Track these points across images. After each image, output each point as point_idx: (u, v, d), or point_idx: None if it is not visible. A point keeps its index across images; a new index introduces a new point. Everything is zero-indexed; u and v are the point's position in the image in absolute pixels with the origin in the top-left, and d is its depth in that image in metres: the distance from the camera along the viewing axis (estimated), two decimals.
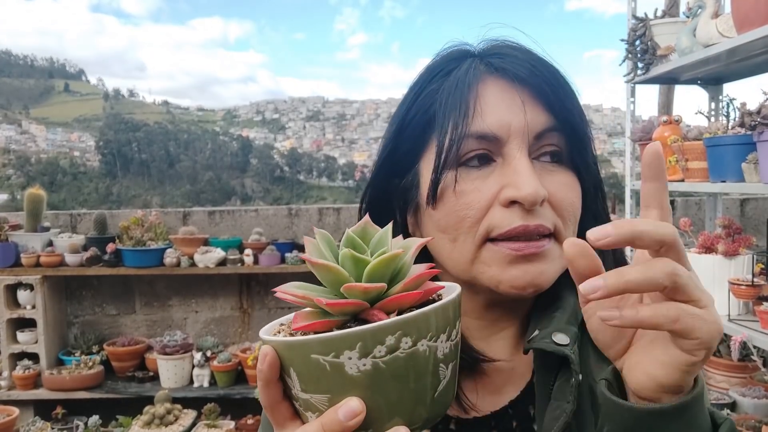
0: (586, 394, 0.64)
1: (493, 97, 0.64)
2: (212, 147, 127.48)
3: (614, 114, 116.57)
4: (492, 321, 0.71)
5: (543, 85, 0.64)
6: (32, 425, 3.39)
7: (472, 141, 0.63)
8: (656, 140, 2.56)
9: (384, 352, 0.43)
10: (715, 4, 2.35)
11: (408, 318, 0.44)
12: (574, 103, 0.65)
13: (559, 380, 0.62)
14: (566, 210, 0.64)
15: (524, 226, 0.61)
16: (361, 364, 0.43)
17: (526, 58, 0.66)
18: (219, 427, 3.46)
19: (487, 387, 0.70)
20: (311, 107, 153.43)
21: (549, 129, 0.64)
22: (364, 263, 0.46)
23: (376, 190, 0.73)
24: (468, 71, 0.65)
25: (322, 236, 0.50)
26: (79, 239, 3.92)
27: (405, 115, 0.69)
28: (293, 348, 0.45)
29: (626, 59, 2.86)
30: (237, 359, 3.80)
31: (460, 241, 0.65)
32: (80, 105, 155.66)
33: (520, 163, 0.62)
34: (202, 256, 3.77)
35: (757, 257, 2.21)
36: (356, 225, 0.52)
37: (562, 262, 0.65)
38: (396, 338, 0.43)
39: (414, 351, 0.44)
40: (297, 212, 4.20)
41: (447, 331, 0.46)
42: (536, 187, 0.60)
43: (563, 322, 0.65)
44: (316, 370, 0.44)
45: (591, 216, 0.71)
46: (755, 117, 2.00)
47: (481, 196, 0.63)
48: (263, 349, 0.47)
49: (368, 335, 0.43)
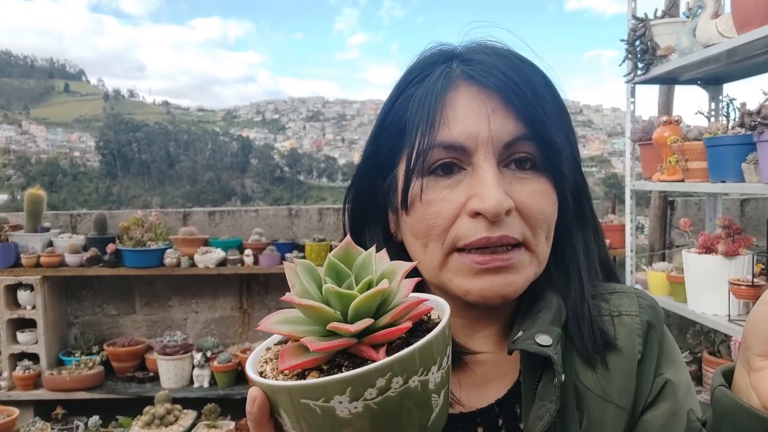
0: (571, 393, 0.65)
1: (462, 106, 0.64)
2: (212, 147, 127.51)
3: (614, 114, 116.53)
4: (474, 320, 0.72)
5: (512, 94, 0.63)
6: (32, 425, 3.39)
7: (439, 151, 0.64)
8: (656, 140, 2.56)
9: (375, 394, 0.42)
10: (715, 4, 2.35)
11: (397, 359, 0.42)
12: (546, 109, 0.65)
13: (544, 380, 0.63)
14: (536, 218, 0.64)
15: (487, 237, 0.62)
16: (353, 406, 0.42)
17: (499, 63, 0.65)
18: (219, 428, 3.46)
19: (472, 382, 0.70)
20: (311, 107, 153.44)
21: (519, 138, 0.64)
22: (350, 298, 0.45)
23: (359, 189, 0.74)
24: (439, 79, 0.66)
25: (303, 267, 0.48)
26: (79, 239, 3.92)
27: (384, 120, 0.70)
28: (282, 392, 0.44)
29: (626, 59, 2.86)
30: (237, 359, 3.80)
31: (430, 248, 0.66)
32: (80, 105, 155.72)
33: (486, 173, 0.62)
34: (202, 256, 3.77)
35: (757, 257, 2.21)
36: (338, 247, 0.51)
37: (534, 269, 0.66)
38: (386, 380, 0.42)
39: (405, 389, 0.43)
40: (297, 212, 4.20)
41: (438, 361, 0.45)
42: (499, 199, 0.61)
43: (546, 323, 0.65)
44: (306, 412, 0.43)
45: (576, 220, 0.72)
46: (755, 117, 2.00)
47: (449, 205, 0.64)
48: (251, 392, 0.46)
49: (358, 380, 0.42)
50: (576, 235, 0.72)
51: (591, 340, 0.66)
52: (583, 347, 0.67)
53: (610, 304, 0.71)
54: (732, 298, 2.19)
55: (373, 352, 0.44)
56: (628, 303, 0.71)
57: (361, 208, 0.75)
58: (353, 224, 0.76)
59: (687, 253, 2.38)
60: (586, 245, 0.72)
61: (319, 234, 4.00)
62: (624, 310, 0.70)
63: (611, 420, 0.65)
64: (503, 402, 0.69)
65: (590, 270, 0.71)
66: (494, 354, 0.71)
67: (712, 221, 2.91)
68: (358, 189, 0.74)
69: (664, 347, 0.70)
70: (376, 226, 0.75)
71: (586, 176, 0.74)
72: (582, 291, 0.69)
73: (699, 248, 2.33)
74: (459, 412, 0.68)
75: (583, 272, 0.70)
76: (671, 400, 0.67)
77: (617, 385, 0.66)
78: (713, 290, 2.27)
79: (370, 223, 0.75)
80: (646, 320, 0.70)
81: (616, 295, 0.73)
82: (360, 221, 0.76)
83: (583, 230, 0.72)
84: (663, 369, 0.69)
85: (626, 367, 0.67)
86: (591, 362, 0.66)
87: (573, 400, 0.65)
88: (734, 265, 2.20)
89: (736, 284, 2.15)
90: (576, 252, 0.71)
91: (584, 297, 0.68)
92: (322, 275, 0.48)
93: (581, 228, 0.72)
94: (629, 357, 0.67)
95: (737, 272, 2.20)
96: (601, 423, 0.65)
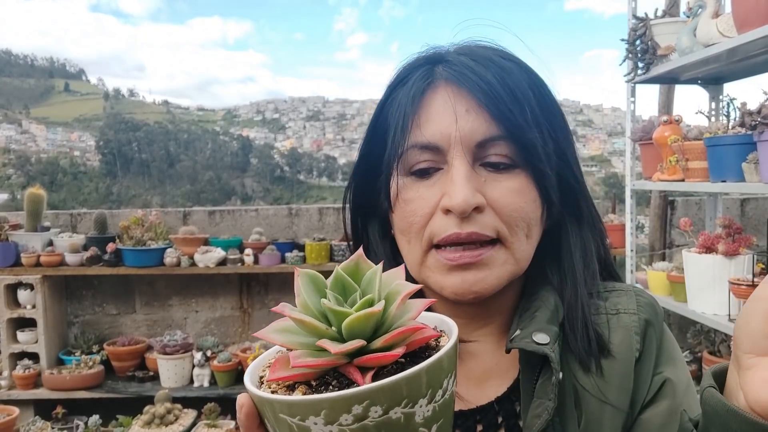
0: (569, 392, 0.65)
1: (437, 107, 0.66)
2: (212, 147, 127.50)
3: (614, 114, 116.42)
4: (470, 318, 0.72)
5: (486, 94, 0.64)
6: (32, 425, 3.39)
7: (416, 151, 0.66)
8: (656, 139, 2.56)
9: (351, 421, 0.40)
10: (715, 3, 2.35)
11: (376, 387, 0.40)
12: (524, 108, 0.65)
13: (542, 378, 0.64)
14: (510, 215, 0.65)
15: (456, 234, 0.63)
16: (327, 430, 0.41)
17: (478, 65, 0.66)
18: (219, 427, 3.46)
19: (471, 378, 0.71)
20: (311, 107, 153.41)
21: (492, 138, 0.65)
22: (344, 316, 0.43)
23: (357, 188, 0.76)
24: (417, 81, 0.67)
25: (308, 278, 0.48)
26: (80, 239, 3.92)
27: (375, 122, 0.72)
28: (263, 403, 0.44)
29: (626, 59, 2.85)
30: (237, 359, 3.80)
31: (412, 245, 0.68)
32: (80, 105, 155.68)
33: (456, 171, 0.64)
34: (202, 255, 3.77)
35: (757, 257, 2.21)
36: (349, 260, 0.49)
37: (510, 267, 0.66)
38: (363, 407, 0.40)
39: (385, 419, 0.41)
40: (297, 212, 4.20)
41: (428, 394, 0.43)
42: (465, 196, 0.62)
43: (544, 322, 0.66)
44: (285, 428, 0.42)
45: (571, 218, 0.72)
46: (755, 117, 2.00)
47: (424, 203, 0.65)
48: (239, 399, 0.46)
49: (332, 404, 0.40)
50: (572, 231, 0.72)
51: (585, 344, 0.67)
52: (577, 350, 0.67)
53: (608, 303, 0.71)
54: (732, 298, 2.19)
55: (358, 375, 0.43)
56: (626, 301, 0.71)
57: (359, 206, 0.76)
58: (353, 222, 0.78)
59: (687, 252, 2.38)
60: (583, 244, 0.72)
61: (319, 233, 4.00)
62: (622, 308, 0.71)
63: (609, 421, 0.65)
64: (503, 400, 0.69)
65: (587, 269, 0.71)
66: (493, 352, 0.72)
67: (712, 221, 2.90)
68: (356, 188, 0.76)
69: (663, 345, 0.70)
70: (374, 224, 0.76)
71: (585, 176, 0.74)
72: (576, 291, 0.69)
73: (699, 248, 2.33)
74: (459, 409, 0.69)
75: (578, 271, 0.70)
76: (670, 399, 0.67)
77: (614, 386, 0.66)
78: (713, 290, 2.27)
79: (369, 220, 0.77)
80: (644, 318, 0.70)
81: (614, 293, 0.73)
82: (359, 219, 0.78)
83: (579, 229, 0.72)
84: (662, 367, 0.69)
85: (623, 368, 0.67)
86: (586, 365, 0.67)
87: (572, 398, 0.65)
88: (734, 265, 2.20)
89: (737, 284, 2.15)
90: (571, 251, 0.71)
91: (578, 298, 0.69)
92: (328, 288, 0.47)
93: (578, 226, 0.72)
94: (626, 358, 0.67)
95: (737, 272, 2.20)
96: (599, 423, 0.65)
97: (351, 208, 0.77)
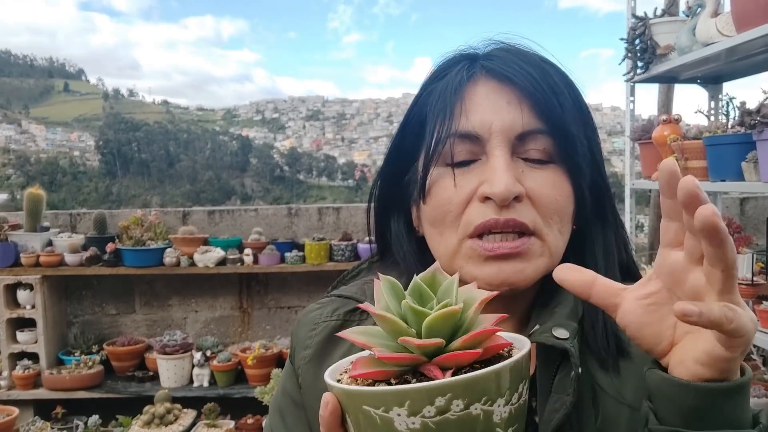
0: (587, 388, 0.65)
1: (479, 98, 0.66)
2: (212, 146, 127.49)
3: (614, 113, 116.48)
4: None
5: (529, 86, 0.65)
6: (32, 425, 3.39)
7: (454, 140, 0.66)
8: (656, 139, 2.56)
9: (434, 413, 0.42)
10: (714, 2, 2.35)
11: (458, 381, 0.42)
12: (564, 104, 0.66)
13: (560, 374, 0.64)
14: (547, 207, 0.65)
15: (495, 219, 0.63)
16: (410, 421, 0.42)
17: (518, 59, 0.67)
18: (219, 427, 3.47)
19: None
20: (311, 107, 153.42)
21: (533, 131, 0.65)
22: (424, 316, 0.45)
23: (383, 185, 0.77)
24: (457, 74, 0.68)
25: (387, 283, 0.49)
26: (79, 239, 3.91)
27: (408, 116, 0.73)
28: (348, 396, 0.46)
29: (626, 58, 2.86)
30: (237, 359, 3.79)
31: (445, 236, 0.68)
32: (80, 105, 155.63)
33: (497, 160, 0.64)
34: (201, 255, 3.77)
35: (756, 256, 2.21)
36: (426, 271, 0.51)
37: (546, 260, 0.66)
38: (446, 400, 0.42)
39: (466, 414, 0.43)
40: (297, 212, 4.19)
41: (506, 394, 0.44)
42: (507, 184, 0.62)
43: (563, 318, 0.66)
44: (368, 420, 0.44)
45: (596, 219, 0.73)
46: (755, 116, 2.00)
47: (461, 191, 0.66)
48: (325, 396, 0.48)
49: (416, 394, 0.42)
50: (596, 234, 0.72)
51: (604, 343, 0.67)
52: (596, 348, 0.67)
53: None
54: None
55: (438, 372, 0.44)
56: None
57: (385, 205, 0.77)
58: (378, 222, 0.79)
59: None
60: (605, 245, 0.72)
61: (319, 233, 4.00)
62: None
63: (626, 422, 0.65)
64: None
65: (609, 271, 0.71)
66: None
67: None
68: (382, 185, 0.77)
69: None
70: (399, 220, 0.77)
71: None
72: None
73: None
74: None
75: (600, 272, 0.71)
76: None
77: (631, 387, 0.66)
78: None
79: (394, 219, 0.77)
80: None
81: None
82: (384, 218, 0.78)
83: (603, 230, 0.73)
84: None
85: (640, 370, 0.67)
86: (605, 364, 0.67)
87: (590, 396, 0.65)
88: None
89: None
90: (594, 251, 0.72)
91: None
92: (407, 294, 0.48)
93: (602, 228, 0.73)
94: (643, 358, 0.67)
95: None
96: (616, 423, 0.65)
97: (376, 206, 0.78)
